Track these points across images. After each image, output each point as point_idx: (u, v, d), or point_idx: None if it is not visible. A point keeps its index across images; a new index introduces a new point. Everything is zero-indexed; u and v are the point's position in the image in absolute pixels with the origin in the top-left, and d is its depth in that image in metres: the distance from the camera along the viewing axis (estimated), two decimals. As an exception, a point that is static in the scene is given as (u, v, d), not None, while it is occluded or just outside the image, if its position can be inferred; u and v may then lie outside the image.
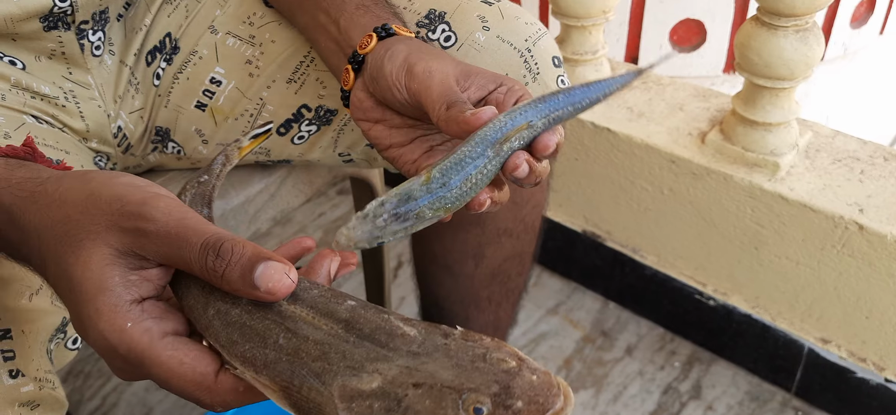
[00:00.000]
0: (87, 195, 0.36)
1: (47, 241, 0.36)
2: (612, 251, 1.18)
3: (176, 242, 0.34)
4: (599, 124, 1.10)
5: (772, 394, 1.08)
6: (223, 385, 0.34)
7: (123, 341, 0.34)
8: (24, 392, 0.44)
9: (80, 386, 1.11)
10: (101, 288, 0.34)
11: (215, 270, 0.33)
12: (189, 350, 0.34)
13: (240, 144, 0.50)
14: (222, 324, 0.34)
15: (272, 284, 0.33)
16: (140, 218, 0.34)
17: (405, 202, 0.39)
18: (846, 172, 0.98)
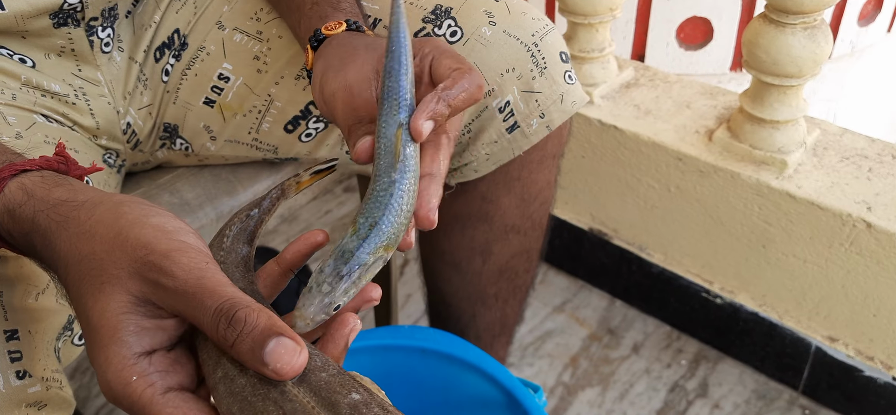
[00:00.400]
0: (115, 234, 0.36)
1: (73, 274, 0.37)
2: (619, 249, 1.18)
3: (191, 302, 0.34)
4: (606, 122, 1.10)
5: (779, 392, 1.08)
6: None
7: (127, 394, 0.34)
8: (31, 393, 0.45)
9: (88, 383, 1.11)
10: (113, 338, 0.34)
11: (226, 338, 0.33)
12: (189, 409, 0.34)
13: (299, 178, 0.49)
14: (226, 391, 0.34)
15: (281, 364, 0.32)
16: (161, 271, 0.34)
17: (344, 260, 0.39)
18: (854, 169, 0.98)
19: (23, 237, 0.40)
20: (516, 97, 0.63)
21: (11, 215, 0.39)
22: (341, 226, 1.43)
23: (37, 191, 0.39)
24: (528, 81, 0.63)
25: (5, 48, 0.62)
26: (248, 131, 0.69)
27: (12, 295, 0.46)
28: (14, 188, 0.40)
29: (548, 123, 0.66)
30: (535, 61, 0.62)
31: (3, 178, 0.40)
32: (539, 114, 0.65)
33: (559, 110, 0.65)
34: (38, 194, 0.39)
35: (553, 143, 0.73)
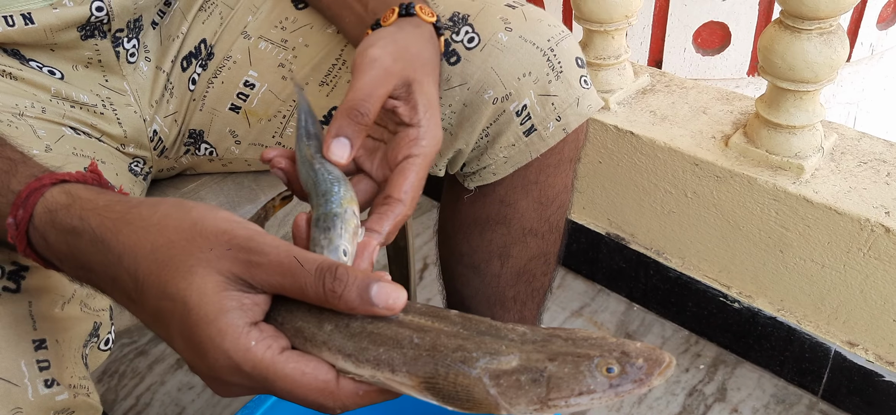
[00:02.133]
0: (191, 223, 0.38)
1: (147, 264, 0.37)
2: (636, 254, 1.19)
3: (290, 271, 0.36)
4: (622, 128, 1.11)
5: (798, 397, 1.07)
6: (344, 390, 0.37)
7: (248, 359, 0.36)
8: (58, 401, 0.46)
9: (115, 386, 1.14)
10: (222, 310, 0.36)
11: (334, 291, 0.36)
12: (308, 362, 0.37)
13: None
14: (345, 336, 0.37)
15: (391, 300, 0.36)
16: (251, 251, 0.37)
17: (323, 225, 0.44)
18: (872, 174, 0.98)
19: (63, 242, 0.40)
20: (533, 101, 0.64)
21: (52, 219, 0.40)
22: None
23: (82, 194, 0.40)
24: (545, 85, 0.64)
25: (35, 61, 0.64)
26: (273, 136, 0.71)
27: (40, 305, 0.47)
28: (56, 193, 0.41)
29: (564, 126, 0.67)
30: (552, 66, 0.63)
31: (43, 184, 0.41)
32: (555, 117, 0.66)
33: (575, 113, 0.66)
34: (85, 196, 0.40)
35: (569, 146, 0.74)
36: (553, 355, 0.36)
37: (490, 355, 0.36)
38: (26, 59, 0.63)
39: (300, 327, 0.38)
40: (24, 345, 0.44)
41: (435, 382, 0.36)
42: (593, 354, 0.35)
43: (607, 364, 0.35)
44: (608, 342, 0.36)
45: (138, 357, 1.18)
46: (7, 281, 0.45)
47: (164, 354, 1.18)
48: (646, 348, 0.36)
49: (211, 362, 0.36)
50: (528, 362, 0.36)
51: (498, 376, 0.35)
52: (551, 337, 0.37)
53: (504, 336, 0.37)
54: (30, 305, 0.46)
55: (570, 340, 0.36)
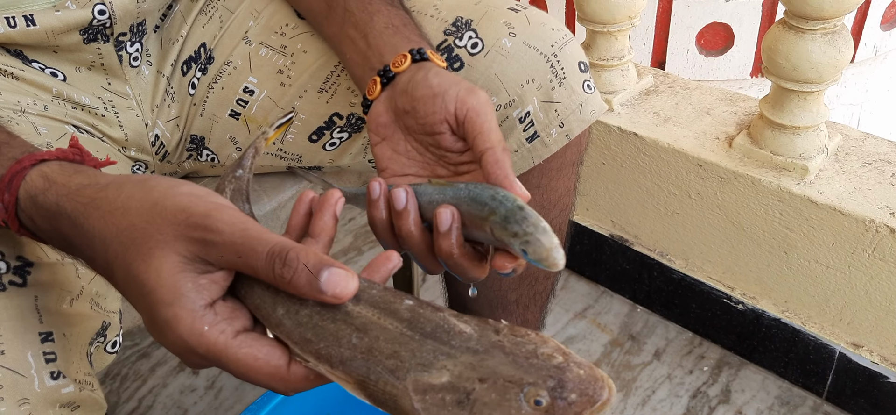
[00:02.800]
0: (151, 205, 0.38)
1: (114, 248, 0.38)
2: (640, 255, 1.18)
3: (242, 252, 0.36)
4: (626, 129, 1.11)
5: (802, 399, 1.07)
6: (295, 375, 0.38)
7: (202, 343, 0.37)
8: (64, 394, 0.46)
9: (118, 388, 1.14)
10: (177, 294, 0.37)
11: (283, 276, 0.36)
12: (261, 346, 0.37)
13: (266, 134, 0.54)
14: (293, 323, 0.37)
15: (339, 289, 0.36)
16: (206, 230, 0.37)
17: (519, 214, 0.43)
18: (877, 175, 0.97)
19: (47, 223, 0.41)
20: (536, 107, 0.64)
21: (34, 202, 0.41)
22: (364, 233, 1.44)
23: (58, 178, 0.41)
24: (548, 92, 0.63)
25: (37, 62, 0.64)
26: (273, 142, 0.71)
27: (47, 299, 0.48)
28: (35, 176, 0.42)
29: (567, 132, 0.67)
30: (555, 72, 0.63)
31: (24, 167, 0.42)
32: (558, 123, 0.65)
33: (578, 119, 0.66)
34: (60, 181, 0.41)
35: (572, 151, 0.74)
36: (486, 374, 0.34)
37: (421, 367, 0.35)
38: (29, 59, 0.63)
39: (258, 305, 0.39)
40: (30, 337, 0.45)
41: (366, 385, 0.36)
42: (527, 380, 0.34)
43: (537, 395, 0.33)
44: (548, 365, 0.34)
45: (140, 360, 1.18)
46: (13, 275, 0.46)
47: (166, 356, 1.18)
48: (588, 378, 0.34)
49: (169, 342, 0.37)
50: (458, 379, 0.34)
51: (424, 390, 0.34)
52: (495, 348, 0.35)
53: (447, 341, 0.36)
54: (36, 299, 0.47)
55: (512, 355, 0.35)
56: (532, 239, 0.41)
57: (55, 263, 0.50)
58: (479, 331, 0.36)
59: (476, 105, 0.49)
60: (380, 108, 0.54)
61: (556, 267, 0.41)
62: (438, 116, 0.50)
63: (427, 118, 0.50)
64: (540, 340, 0.36)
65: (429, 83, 0.50)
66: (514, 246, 0.41)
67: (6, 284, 0.45)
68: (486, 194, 0.44)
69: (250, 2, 0.70)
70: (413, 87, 0.51)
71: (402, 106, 0.52)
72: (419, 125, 0.51)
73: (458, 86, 0.50)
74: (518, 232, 0.41)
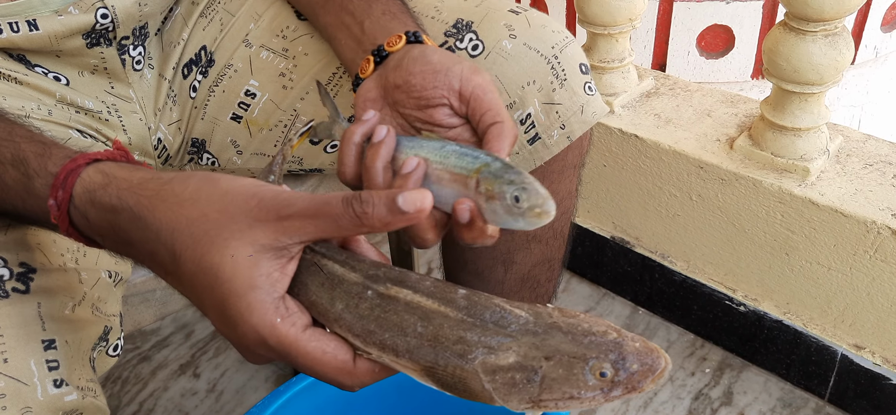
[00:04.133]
0: (221, 194, 0.39)
1: (183, 239, 0.39)
2: (641, 257, 1.18)
3: (319, 211, 0.37)
4: (627, 131, 1.11)
5: (805, 400, 1.07)
6: (361, 369, 0.39)
7: (274, 335, 0.38)
8: (67, 401, 0.46)
9: (118, 391, 1.14)
10: (252, 285, 0.37)
11: (365, 213, 0.37)
12: (329, 341, 0.39)
13: (291, 141, 0.56)
14: (354, 317, 0.39)
15: (418, 203, 0.37)
16: (280, 207, 0.38)
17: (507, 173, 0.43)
18: (878, 176, 0.97)
19: (104, 220, 0.41)
20: (537, 109, 0.64)
21: (92, 197, 0.41)
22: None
23: (118, 173, 0.41)
24: (549, 94, 0.63)
25: (40, 66, 0.64)
26: (274, 144, 0.71)
27: (51, 306, 0.48)
28: (92, 172, 0.42)
29: (568, 134, 0.67)
30: (556, 74, 0.63)
31: (79, 164, 0.42)
32: (559, 125, 0.66)
33: (579, 121, 0.66)
34: (120, 175, 0.41)
35: (573, 153, 0.74)
36: (550, 352, 0.36)
37: (488, 350, 0.36)
38: (32, 64, 0.63)
39: (314, 302, 0.40)
40: (33, 345, 0.45)
41: (434, 371, 0.37)
42: (590, 355, 0.36)
43: (601, 368, 0.35)
44: (606, 340, 0.36)
45: (141, 363, 1.18)
46: (16, 282, 0.46)
47: (167, 359, 1.18)
48: (644, 348, 0.36)
49: (240, 333, 0.38)
50: (525, 359, 0.36)
51: (494, 371, 0.36)
52: (553, 328, 0.37)
53: (506, 325, 0.37)
54: (39, 306, 0.47)
55: (571, 334, 0.37)
56: (529, 185, 0.41)
57: (58, 268, 0.50)
58: (535, 314, 0.38)
59: (483, 83, 0.50)
60: (369, 84, 0.54)
61: (548, 216, 0.41)
62: (439, 91, 0.50)
63: (424, 92, 0.50)
64: (592, 320, 0.38)
65: (428, 59, 0.50)
66: (506, 194, 0.41)
67: (9, 291, 0.45)
68: (478, 151, 0.44)
69: (251, 4, 0.70)
70: (409, 62, 0.51)
71: (394, 80, 0.52)
72: (412, 100, 0.51)
73: (461, 64, 0.50)
74: (514, 180, 0.41)
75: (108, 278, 0.54)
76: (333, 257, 0.41)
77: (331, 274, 0.40)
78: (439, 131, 0.52)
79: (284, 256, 0.38)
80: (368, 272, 0.40)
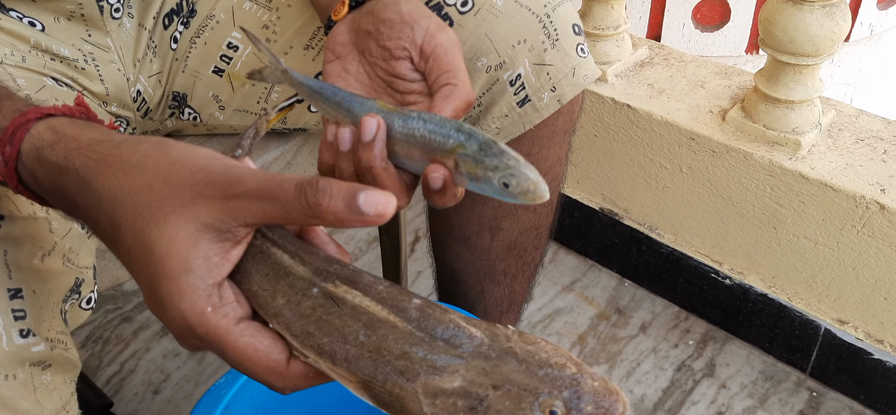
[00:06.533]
0: (169, 164, 0.36)
1: (124, 209, 0.36)
2: (629, 229, 1.18)
3: (269, 193, 0.34)
4: (619, 101, 1.09)
5: (786, 374, 1.07)
6: (294, 372, 0.36)
7: (203, 324, 0.35)
8: (34, 352, 0.45)
9: (99, 352, 1.13)
10: (186, 268, 0.34)
11: (318, 203, 0.33)
12: (263, 338, 0.35)
13: (268, 116, 0.52)
14: (294, 315, 0.35)
15: (381, 207, 0.33)
16: (228, 184, 0.35)
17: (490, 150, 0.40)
18: (869, 151, 0.97)
19: (50, 179, 0.39)
20: (528, 70, 0.62)
21: (39, 156, 0.39)
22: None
23: (68, 131, 0.39)
24: (540, 54, 0.62)
25: (15, 11, 0.62)
26: (257, 101, 0.69)
27: (18, 254, 0.46)
28: (42, 129, 0.39)
29: (559, 97, 0.65)
30: (547, 33, 0.61)
31: (29, 119, 0.39)
32: (550, 87, 0.64)
33: (571, 84, 0.65)
34: (70, 134, 0.38)
35: (564, 118, 0.72)
36: (500, 381, 0.33)
37: (433, 370, 0.33)
38: (6, 8, 0.61)
39: (256, 292, 0.37)
40: None
41: (372, 386, 0.34)
42: (542, 389, 0.32)
43: (552, 405, 0.32)
44: (563, 375, 0.33)
45: (123, 323, 1.17)
46: None
47: (149, 320, 1.17)
48: (603, 389, 0.32)
49: (168, 318, 0.35)
50: (471, 385, 0.33)
51: (435, 394, 0.33)
52: (507, 354, 0.34)
53: (458, 345, 0.34)
54: (5, 254, 0.45)
55: (526, 363, 0.33)
56: (516, 172, 0.38)
57: (28, 217, 0.48)
58: (490, 336, 0.34)
59: (445, 43, 0.47)
60: (342, 27, 0.52)
61: (542, 199, 0.38)
62: (402, 43, 0.48)
63: (389, 42, 0.48)
64: (552, 349, 0.34)
65: (398, 8, 0.48)
66: (492, 180, 0.38)
67: None
68: (449, 125, 0.40)
69: (235, -46, 0.68)
70: (381, 8, 0.49)
71: (365, 27, 0.50)
72: (379, 48, 0.49)
73: (429, 19, 0.48)
74: (498, 165, 0.38)
75: (81, 229, 0.53)
76: (284, 246, 0.37)
77: (277, 264, 0.37)
78: (400, 85, 0.50)
79: (228, 239, 0.35)
80: (319, 267, 0.37)
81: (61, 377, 0.47)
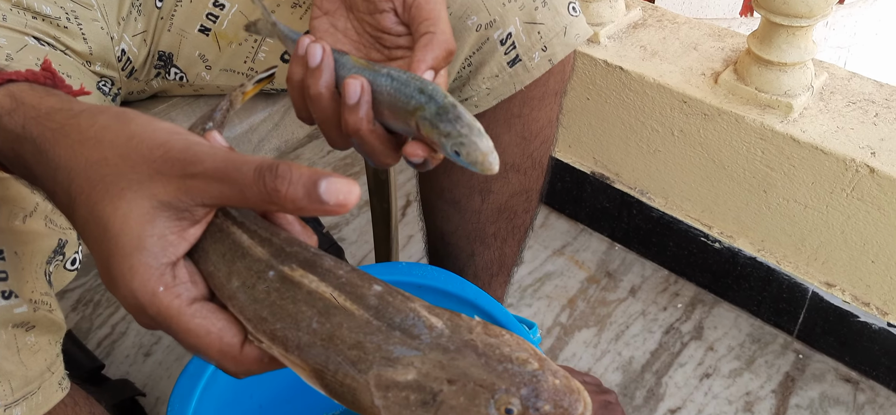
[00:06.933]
0: (127, 138, 0.35)
1: (79, 182, 0.35)
2: (620, 193, 1.18)
3: (227, 175, 0.33)
4: (612, 63, 1.09)
5: (773, 336, 1.08)
6: (248, 356, 0.35)
7: (154, 304, 0.34)
8: (17, 314, 0.44)
9: (90, 315, 1.13)
10: (139, 246, 0.34)
11: (277, 189, 0.32)
12: (216, 320, 0.35)
13: (244, 88, 0.50)
14: (248, 298, 0.34)
15: (342, 196, 0.32)
16: (186, 163, 0.34)
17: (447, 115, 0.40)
18: (860, 114, 0.97)
19: (9, 147, 0.38)
20: (518, 29, 0.62)
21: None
22: (343, 166, 1.42)
23: (27, 98, 0.38)
24: (531, 12, 0.61)
25: None
26: (244, 60, 0.68)
27: None
28: (1, 95, 0.38)
29: (550, 57, 0.64)
30: None
31: None
32: (541, 47, 0.63)
33: (562, 43, 0.64)
34: (29, 102, 0.38)
35: (555, 79, 0.71)
36: (456, 375, 0.32)
37: (387, 361, 0.32)
38: None
39: (212, 272, 0.36)
40: None
41: (323, 375, 0.33)
42: (499, 385, 0.31)
43: (508, 403, 0.31)
44: (523, 371, 0.31)
45: (114, 287, 1.16)
46: None
47: (141, 284, 1.17)
48: (564, 387, 0.31)
49: (121, 295, 0.35)
50: (426, 378, 0.32)
51: (388, 387, 0.32)
52: (467, 347, 0.32)
53: (416, 335, 0.33)
54: None
55: (485, 357, 0.32)
56: (467, 141, 0.38)
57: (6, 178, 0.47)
58: (451, 327, 0.33)
59: None
60: None
61: (490, 171, 0.38)
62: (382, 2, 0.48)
63: None
64: (515, 342, 0.33)
65: None
66: (445, 146, 0.38)
67: None
68: (413, 86, 0.40)
69: None
70: None
71: None
72: (363, 2, 0.49)
73: None
74: (451, 132, 0.38)
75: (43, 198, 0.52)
76: (245, 226, 0.36)
77: (235, 245, 0.36)
78: (386, 40, 0.49)
79: (186, 218, 0.34)
80: (278, 249, 0.35)
81: (46, 338, 0.47)
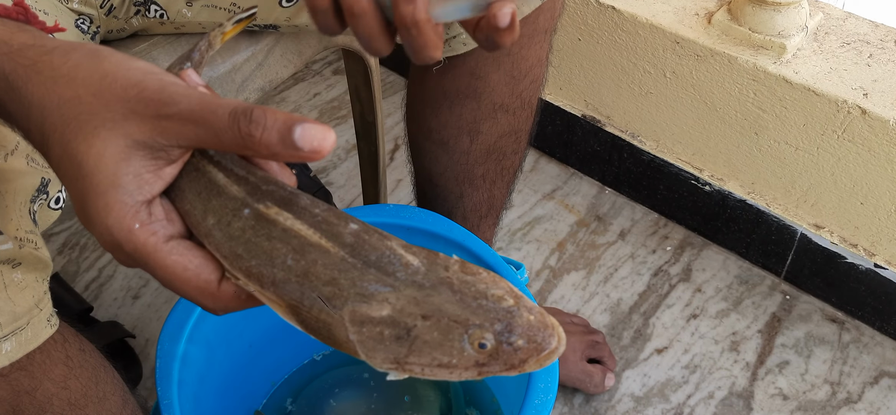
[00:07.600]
0: (100, 76, 0.34)
1: (52, 120, 0.34)
2: (611, 136, 1.17)
3: (202, 118, 0.33)
4: (604, 3, 1.06)
5: (761, 278, 1.09)
6: (225, 293, 0.35)
7: (130, 241, 0.34)
8: (2, 250, 0.44)
9: (77, 258, 1.12)
10: (114, 184, 0.33)
11: (251, 134, 0.32)
12: (194, 257, 0.35)
13: (223, 28, 0.49)
14: (224, 236, 0.34)
15: (317, 142, 0.32)
16: (161, 104, 0.33)
17: None
18: (854, 55, 0.96)
19: None
20: (507, -38, 0.60)
21: None
22: (329, 109, 1.40)
23: None
24: (520, -55, 0.59)
25: None
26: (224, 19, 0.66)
27: None
28: None
29: (539, -8, 0.63)
30: None
31: None
32: (530, -19, 0.62)
33: (551, -22, 0.62)
34: (1, 38, 0.36)
35: (545, 16, 0.70)
36: (430, 311, 0.32)
37: (361, 297, 0.32)
38: None
39: (188, 211, 0.36)
40: None
41: (299, 311, 0.33)
42: (473, 321, 0.32)
43: (482, 338, 0.31)
44: (497, 307, 0.32)
45: (102, 232, 1.16)
46: None
47: (128, 228, 1.16)
48: (538, 323, 0.32)
49: (97, 233, 0.34)
50: (400, 314, 0.32)
51: (362, 322, 0.32)
52: (442, 284, 0.33)
53: (391, 272, 0.33)
54: None
55: (460, 294, 0.33)
56: None
57: None
58: (427, 265, 0.33)
59: None
60: None
61: None
62: None
63: None
64: (491, 280, 0.33)
65: None
66: None
67: None
68: None
69: None
70: None
71: None
72: None
73: None
74: None
75: None
76: (221, 164, 0.36)
77: (211, 183, 0.35)
78: None
79: (161, 157, 0.34)
80: (254, 188, 0.35)
81: (33, 276, 0.47)
